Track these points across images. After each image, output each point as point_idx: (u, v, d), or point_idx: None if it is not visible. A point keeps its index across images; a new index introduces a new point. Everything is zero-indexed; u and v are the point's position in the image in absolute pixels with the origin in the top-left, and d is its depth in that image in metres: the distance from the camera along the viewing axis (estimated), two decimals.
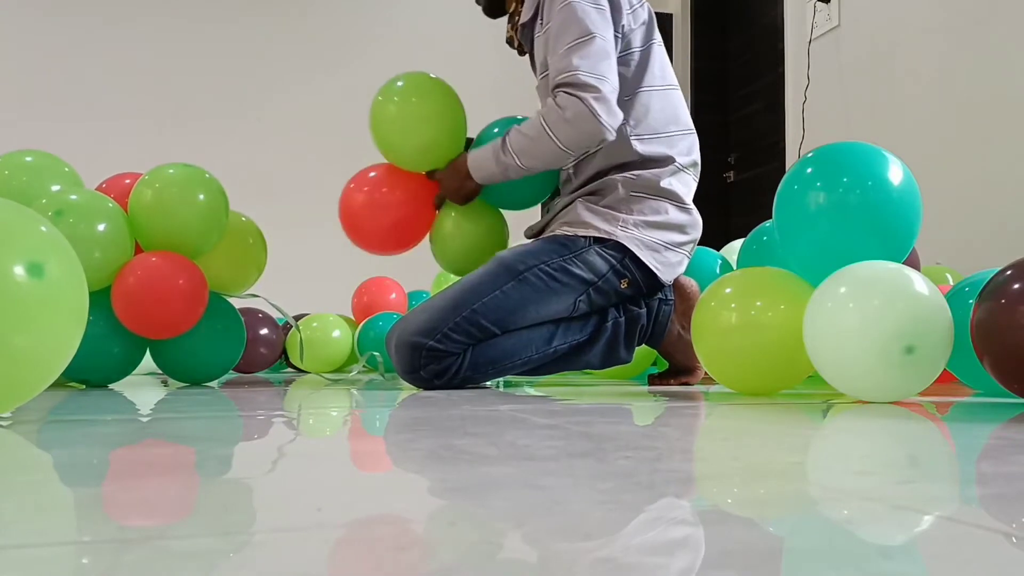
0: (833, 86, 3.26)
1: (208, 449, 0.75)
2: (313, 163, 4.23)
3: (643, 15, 1.61)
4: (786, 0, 3.62)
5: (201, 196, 1.64)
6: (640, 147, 1.56)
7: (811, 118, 3.36)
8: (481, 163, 1.60)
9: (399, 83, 1.73)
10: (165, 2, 4.15)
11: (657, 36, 1.64)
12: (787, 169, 1.33)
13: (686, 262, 1.62)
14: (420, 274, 2.76)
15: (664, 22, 4.82)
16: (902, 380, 1.11)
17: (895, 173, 1.22)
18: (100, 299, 1.59)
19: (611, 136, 1.49)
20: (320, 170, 4.24)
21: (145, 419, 1.05)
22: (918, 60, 2.85)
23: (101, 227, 1.54)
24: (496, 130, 1.70)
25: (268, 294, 1.95)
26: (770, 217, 1.38)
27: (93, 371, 1.64)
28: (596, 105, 1.45)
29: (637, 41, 1.59)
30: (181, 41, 4.14)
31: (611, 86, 1.47)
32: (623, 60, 1.57)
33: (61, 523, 0.44)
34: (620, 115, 1.49)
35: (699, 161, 1.67)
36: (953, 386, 1.57)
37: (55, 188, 1.64)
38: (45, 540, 0.39)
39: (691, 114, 1.71)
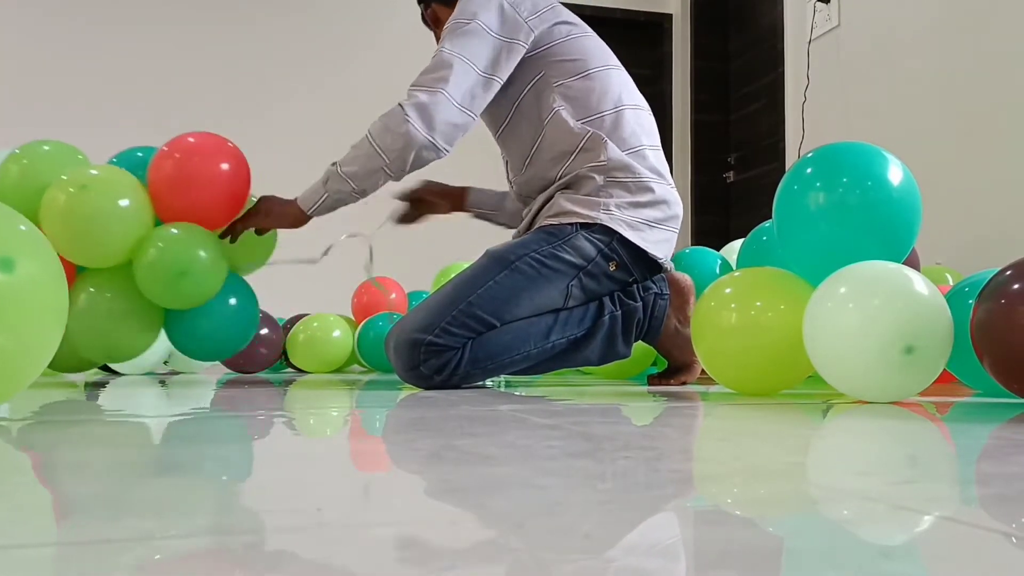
0: (833, 86, 3.26)
1: (208, 449, 0.75)
2: (313, 163, 4.23)
3: (552, 18, 1.63)
4: (786, 0, 3.62)
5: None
6: (584, 128, 1.58)
7: (811, 118, 3.36)
8: (311, 186, 1.64)
9: None
10: (166, 4, 4.15)
11: (580, 28, 1.66)
12: (787, 169, 1.33)
13: (673, 239, 1.63)
14: (420, 274, 2.76)
15: (664, 22, 4.82)
16: (902, 380, 1.11)
17: (895, 173, 1.23)
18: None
19: (427, 148, 1.51)
20: (320, 170, 4.25)
21: (144, 419, 1.05)
22: (918, 60, 2.84)
23: (123, 202, 1.60)
24: None
25: (268, 294, 1.95)
26: (770, 217, 1.38)
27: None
28: (409, 109, 1.50)
29: (554, 36, 1.62)
30: (182, 43, 4.14)
31: (441, 97, 1.50)
32: (541, 55, 1.61)
33: (61, 523, 0.44)
34: (441, 123, 1.50)
35: (656, 135, 1.68)
36: (953, 386, 1.57)
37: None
38: (45, 540, 0.39)
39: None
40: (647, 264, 1.60)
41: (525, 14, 1.59)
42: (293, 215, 1.65)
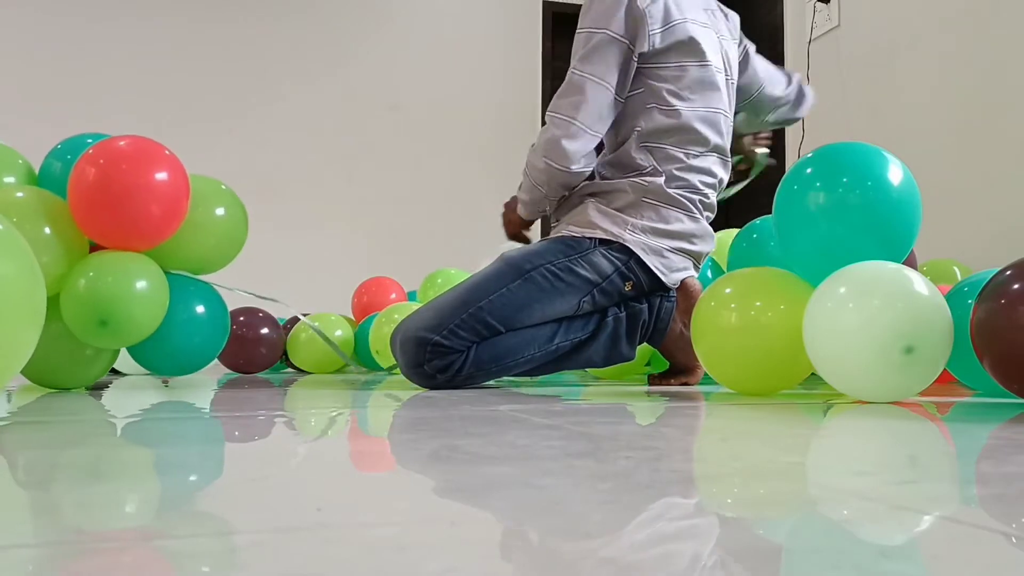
0: (833, 86, 3.26)
1: (208, 449, 0.75)
2: (313, 163, 4.24)
3: (680, 35, 1.56)
4: (786, 0, 3.62)
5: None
6: (646, 160, 1.57)
7: (811, 118, 3.35)
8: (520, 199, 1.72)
9: None
10: (164, 2, 4.15)
11: (698, 54, 1.59)
12: (787, 169, 1.33)
13: (692, 269, 1.63)
14: (420, 274, 2.76)
15: None
16: (902, 380, 1.11)
17: (894, 173, 1.22)
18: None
19: (567, 174, 1.54)
20: (320, 170, 4.25)
21: (145, 420, 1.05)
22: (918, 60, 2.84)
23: (47, 229, 1.40)
24: None
25: (268, 294, 1.95)
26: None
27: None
28: (544, 148, 1.54)
29: (666, 58, 1.57)
30: (180, 41, 4.14)
31: (575, 128, 1.51)
32: (648, 71, 1.57)
33: (60, 523, 0.44)
34: (575, 153, 1.52)
35: (721, 179, 1.67)
36: (953, 386, 1.57)
37: (8, 180, 1.54)
38: (44, 540, 0.39)
39: None
40: (662, 287, 1.59)
41: (655, 26, 1.53)
42: (521, 220, 1.78)
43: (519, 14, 4.54)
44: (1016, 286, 1.01)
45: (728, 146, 1.68)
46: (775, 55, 3.84)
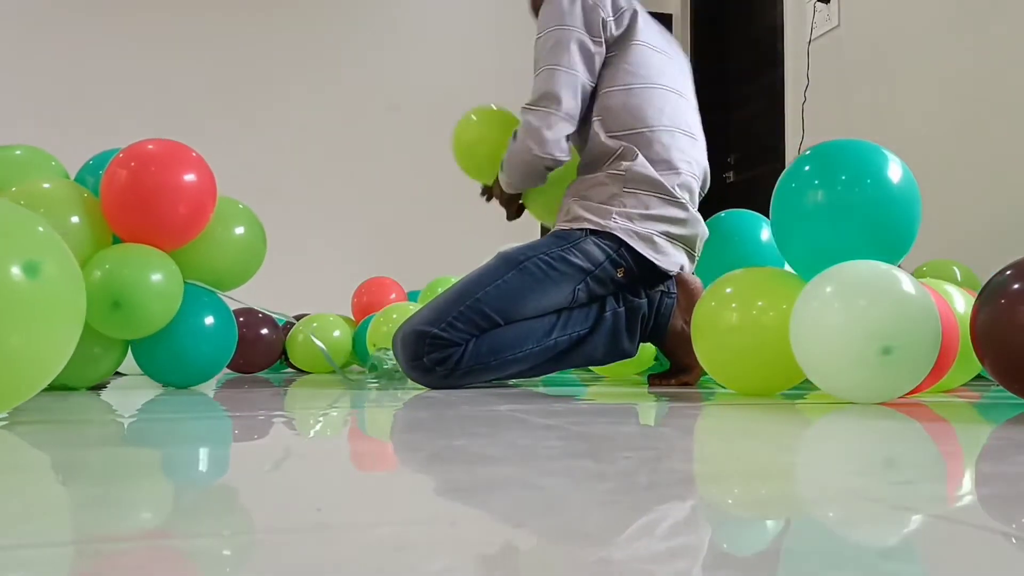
0: (833, 86, 3.26)
1: (208, 449, 0.75)
2: (313, 163, 4.23)
3: (626, 20, 1.64)
4: (786, 0, 3.62)
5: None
6: (615, 143, 1.60)
7: (810, 118, 3.35)
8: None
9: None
10: (165, 3, 4.15)
11: (644, 37, 1.66)
12: (786, 167, 1.33)
13: (685, 256, 1.63)
14: (420, 274, 2.76)
15: (664, 22, 4.82)
16: (881, 381, 1.09)
17: (894, 171, 1.22)
18: None
19: (549, 156, 1.58)
20: (320, 170, 4.25)
21: (145, 420, 1.05)
22: (918, 60, 2.85)
23: (74, 219, 1.44)
24: None
25: (268, 293, 1.95)
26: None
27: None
28: (525, 137, 1.58)
29: (618, 43, 1.64)
30: (181, 42, 4.14)
31: (552, 118, 1.57)
32: (605, 63, 1.63)
33: (61, 523, 0.44)
34: (554, 141, 1.57)
35: (694, 160, 1.69)
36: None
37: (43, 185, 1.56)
38: (45, 540, 0.39)
39: None
40: (656, 274, 1.60)
41: (608, 12, 1.62)
42: (504, 200, 1.82)
43: (518, 14, 4.54)
44: (1016, 286, 1.00)
45: (695, 129, 1.73)
46: (775, 55, 3.84)
